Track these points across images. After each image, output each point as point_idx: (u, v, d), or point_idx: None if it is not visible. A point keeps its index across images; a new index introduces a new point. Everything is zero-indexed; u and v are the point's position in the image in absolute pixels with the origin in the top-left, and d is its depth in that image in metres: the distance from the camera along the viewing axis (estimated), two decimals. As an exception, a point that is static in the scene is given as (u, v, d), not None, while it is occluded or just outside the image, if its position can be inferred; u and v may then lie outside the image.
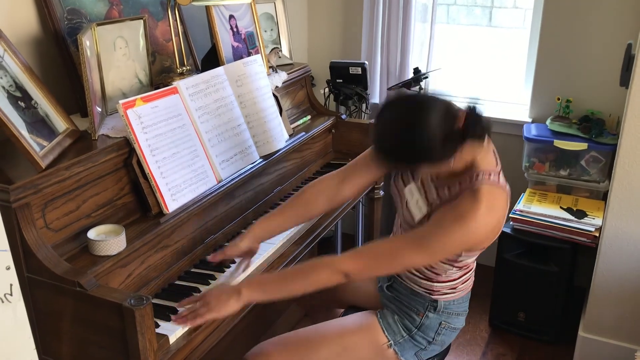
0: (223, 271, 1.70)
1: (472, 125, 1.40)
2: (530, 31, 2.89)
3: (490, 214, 1.46)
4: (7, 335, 1.19)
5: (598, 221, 2.47)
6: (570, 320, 2.68)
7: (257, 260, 1.77)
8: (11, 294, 1.18)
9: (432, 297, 1.67)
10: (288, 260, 1.85)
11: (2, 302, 1.17)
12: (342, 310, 2.02)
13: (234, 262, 1.75)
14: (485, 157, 1.52)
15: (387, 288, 1.78)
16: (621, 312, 2.40)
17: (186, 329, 1.47)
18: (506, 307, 2.72)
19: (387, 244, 1.55)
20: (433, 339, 1.70)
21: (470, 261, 1.65)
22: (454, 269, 1.63)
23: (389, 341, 1.68)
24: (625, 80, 2.20)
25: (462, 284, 1.69)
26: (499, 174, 1.52)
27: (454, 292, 1.69)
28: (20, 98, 1.50)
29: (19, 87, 1.52)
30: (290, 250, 1.90)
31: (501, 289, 2.70)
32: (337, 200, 1.80)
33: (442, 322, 1.69)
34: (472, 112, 1.42)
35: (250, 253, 1.74)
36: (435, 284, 1.66)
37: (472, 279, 1.75)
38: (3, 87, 1.46)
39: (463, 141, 1.40)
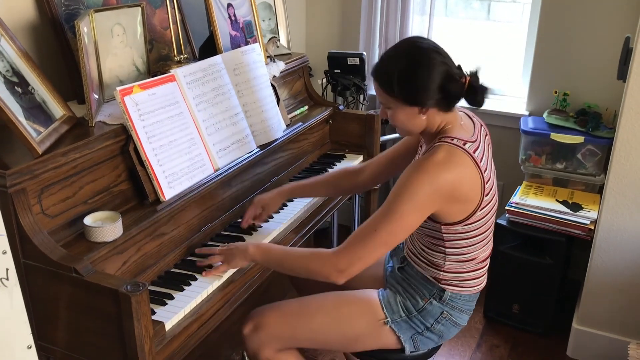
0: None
1: (475, 89, 1.55)
2: (528, 25, 2.89)
3: (445, 168, 1.50)
4: (2, 320, 1.19)
5: (593, 214, 2.48)
6: (563, 313, 2.69)
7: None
8: (7, 279, 1.18)
9: (440, 285, 1.68)
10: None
11: (-2, 286, 1.17)
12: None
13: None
14: (457, 128, 1.58)
15: (398, 269, 1.79)
16: (615, 304, 2.42)
17: (183, 315, 1.48)
18: (500, 299, 2.73)
19: (365, 228, 1.56)
20: (432, 325, 1.70)
21: (460, 244, 1.63)
22: (451, 257, 1.64)
23: (387, 318, 1.69)
24: (622, 73, 2.20)
25: (471, 280, 1.70)
26: (465, 142, 1.54)
27: (461, 287, 1.69)
28: (17, 83, 1.49)
29: (16, 72, 1.51)
30: (288, 238, 1.91)
31: (496, 281, 2.70)
32: (359, 186, 2.00)
33: (444, 312, 1.69)
34: (474, 77, 1.56)
35: (267, 209, 1.91)
36: (442, 273, 1.67)
37: (484, 280, 1.76)
38: (0, 73, 1.45)
39: (457, 99, 1.55)
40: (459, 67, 1.57)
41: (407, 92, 1.52)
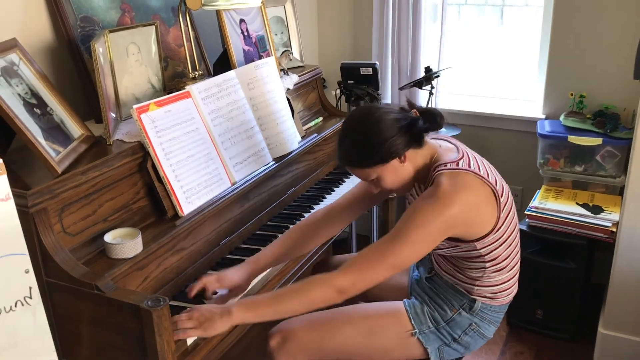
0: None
1: (426, 114, 1.57)
2: (541, 28, 2.87)
3: (457, 192, 1.50)
4: (27, 338, 1.21)
5: (615, 216, 2.44)
6: (588, 317, 2.65)
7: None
8: (31, 297, 1.20)
9: (471, 296, 1.67)
10: (303, 261, 1.86)
11: (22, 305, 1.19)
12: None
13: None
14: (441, 154, 1.61)
15: (426, 279, 1.79)
16: (641, 307, 2.38)
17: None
18: (524, 305, 2.69)
19: (372, 249, 1.54)
20: (459, 337, 1.69)
21: (499, 252, 1.62)
22: (491, 269, 1.63)
23: (414, 329, 1.68)
24: (639, 73, 2.18)
25: (503, 291, 1.69)
26: (457, 162, 1.56)
27: (494, 299, 1.69)
28: (35, 105, 1.52)
29: (35, 94, 1.54)
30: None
31: (518, 286, 2.67)
32: (334, 231, 1.86)
33: (473, 324, 1.69)
34: (426, 109, 1.60)
35: (239, 289, 1.65)
36: (477, 288, 1.66)
37: (515, 289, 1.75)
38: (19, 95, 1.48)
39: (422, 131, 1.56)
40: (402, 107, 1.61)
41: (377, 154, 1.54)
